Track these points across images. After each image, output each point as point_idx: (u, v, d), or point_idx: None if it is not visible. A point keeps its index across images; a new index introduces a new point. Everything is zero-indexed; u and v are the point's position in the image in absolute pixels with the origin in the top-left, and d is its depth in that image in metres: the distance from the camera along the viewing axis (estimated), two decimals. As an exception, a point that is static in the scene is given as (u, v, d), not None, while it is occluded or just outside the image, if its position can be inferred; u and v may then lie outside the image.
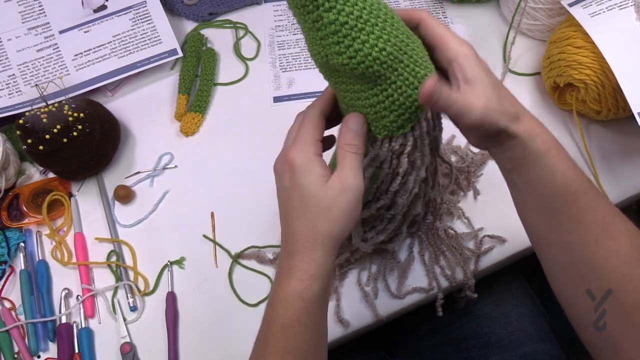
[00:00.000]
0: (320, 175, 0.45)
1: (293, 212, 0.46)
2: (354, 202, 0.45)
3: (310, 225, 0.45)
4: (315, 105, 0.48)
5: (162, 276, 0.67)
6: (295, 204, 0.45)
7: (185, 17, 0.88)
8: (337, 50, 0.41)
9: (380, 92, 0.43)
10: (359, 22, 0.40)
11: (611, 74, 0.63)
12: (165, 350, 0.62)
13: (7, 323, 0.64)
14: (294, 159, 0.45)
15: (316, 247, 0.44)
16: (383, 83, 0.43)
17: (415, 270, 0.65)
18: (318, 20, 0.40)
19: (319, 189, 0.44)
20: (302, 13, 0.40)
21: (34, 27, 0.80)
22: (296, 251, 0.45)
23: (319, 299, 0.45)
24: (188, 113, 0.78)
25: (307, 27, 0.41)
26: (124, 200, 0.72)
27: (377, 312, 0.63)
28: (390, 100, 0.43)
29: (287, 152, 0.46)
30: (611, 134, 0.73)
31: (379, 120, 0.45)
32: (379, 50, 0.40)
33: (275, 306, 0.45)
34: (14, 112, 0.76)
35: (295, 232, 0.45)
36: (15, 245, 0.69)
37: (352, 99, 0.45)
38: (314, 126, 0.47)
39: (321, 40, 0.41)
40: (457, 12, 0.87)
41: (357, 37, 0.40)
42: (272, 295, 0.47)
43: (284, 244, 0.47)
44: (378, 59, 0.41)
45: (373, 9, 0.40)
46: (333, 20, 0.39)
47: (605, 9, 0.66)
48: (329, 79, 0.46)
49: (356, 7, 0.39)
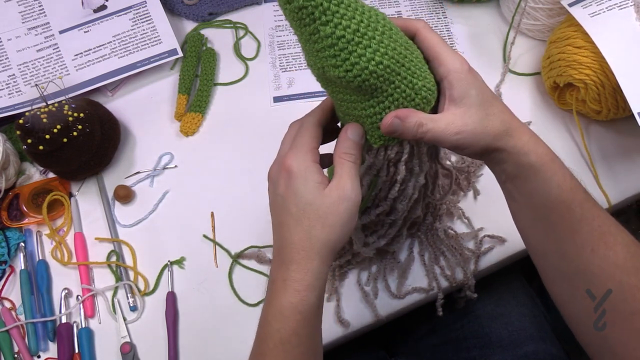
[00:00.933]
0: (318, 183, 0.44)
1: (289, 220, 0.45)
2: (351, 210, 0.44)
3: (306, 234, 0.44)
4: (313, 114, 0.48)
5: (162, 276, 0.67)
6: (292, 211, 0.44)
7: (185, 17, 0.88)
8: (333, 63, 0.40)
9: (377, 103, 0.43)
10: (356, 35, 0.39)
11: (611, 74, 0.63)
12: (165, 350, 0.62)
13: (7, 323, 0.64)
14: (291, 165, 0.44)
15: (313, 256, 0.44)
16: (380, 95, 0.43)
17: (415, 271, 0.65)
18: (315, 33, 0.39)
19: (316, 197, 0.44)
20: (299, 26, 0.40)
21: (34, 27, 0.80)
22: (291, 261, 0.44)
23: (315, 309, 0.44)
24: (188, 113, 0.78)
25: (304, 39, 0.41)
26: (124, 200, 0.72)
27: (377, 312, 0.63)
28: (387, 111, 0.43)
29: (283, 159, 0.45)
30: (611, 134, 0.73)
31: (375, 130, 0.45)
32: (375, 64, 0.40)
33: (270, 321, 0.44)
34: (14, 112, 0.76)
35: (290, 241, 0.44)
36: (15, 245, 0.69)
37: (348, 109, 0.45)
38: (311, 134, 0.46)
39: (318, 52, 0.41)
40: (457, 12, 0.87)
41: (354, 50, 0.39)
42: (266, 308, 0.45)
43: (278, 254, 0.46)
44: (375, 73, 0.40)
45: (371, 22, 0.40)
46: (330, 33, 0.39)
47: (605, 9, 0.66)
48: (326, 88, 0.46)
49: (353, 21, 0.39)
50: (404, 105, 0.43)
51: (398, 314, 0.64)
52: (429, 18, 0.86)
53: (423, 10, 0.87)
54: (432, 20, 0.86)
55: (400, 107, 0.43)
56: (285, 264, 0.44)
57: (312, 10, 0.38)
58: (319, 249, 0.44)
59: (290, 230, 0.44)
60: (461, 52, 0.82)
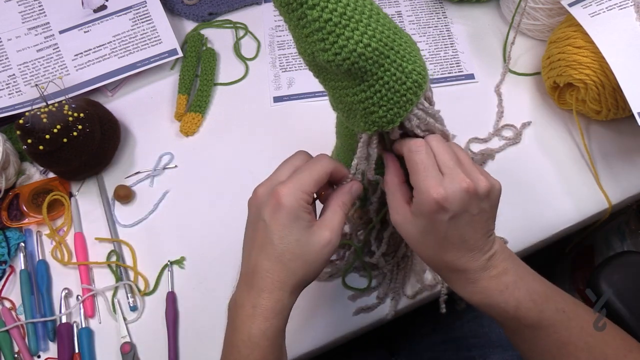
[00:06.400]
0: (307, 222, 0.45)
1: (268, 249, 0.44)
2: (330, 253, 0.46)
3: (284, 266, 0.44)
4: (329, 162, 0.47)
5: (162, 276, 0.67)
6: (274, 241, 0.44)
7: (185, 17, 0.88)
8: (322, 47, 0.41)
9: (368, 88, 0.43)
10: (343, 18, 0.40)
11: (611, 74, 0.63)
12: (165, 350, 0.62)
13: (7, 323, 0.64)
14: (283, 197, 0.44)
15: (286, 289, 0.44)
16: (370, 79, 0.43)
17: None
18: (302, 17, 0.40)
19: (303, 235, 0.44)
20: (287, 11, 0.40)
21: (34, 27, 0.80)
22: (263, 289, 0.44)
23: (281, 332, 0.45)
24: (188, 113, 0.78)
25: (292, 25, 0.42)
26: (124, 200, 0.72)
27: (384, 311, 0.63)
28: (379, 95, 0.43)
29: (277, 188, 0.44)
30: (611, 134, 0.73)
31: (368, 116, 0.45)
32: (364, 46, 0.40)
33: (239, 347, 0.44)
34: (14, 112, 0.76)
35: (264, 269, 0.44)
36: (15, 245, 0.69)
37: (341, 96, 0.45)
38: (315, 179, 0.45)
39: (306, 37, 0.41)
40: (457, 12, 0.87)
41: (341, 33, 0.40)
42: (232, 333, 0.45)
43: (246, 278, 0.46)
44: (363, 55, 0.41)
45: (357, 5, 0.40)
46: (317, 17, 0.39)
47: (605, 9, 0.66)
48: (318, 77, 0.46)
49: (340, 4, 0.39)
50: (396, 90, 0.43)
51: (399, 312, 0.64)
52: (429, 18, 0.86)
53: (423, 10, 0.87)
54: (432, 20, 0.86)
55: (392, 90, 0.43)
56: (255, 290, 0.44)
57: None
58: (294, 283, 0.44)
59: (268, 259, 0.44)
60: (461, 52, 0.82)
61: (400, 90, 0.43)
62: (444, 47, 0.83)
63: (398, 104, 0.44)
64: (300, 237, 0.44)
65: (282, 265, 0.44)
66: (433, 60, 0.82)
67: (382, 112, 0.44)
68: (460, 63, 0.81)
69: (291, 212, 0.44)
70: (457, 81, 0.80)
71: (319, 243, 0.44)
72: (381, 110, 0.44)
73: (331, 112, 0.50)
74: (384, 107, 0.44)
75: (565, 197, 0.69)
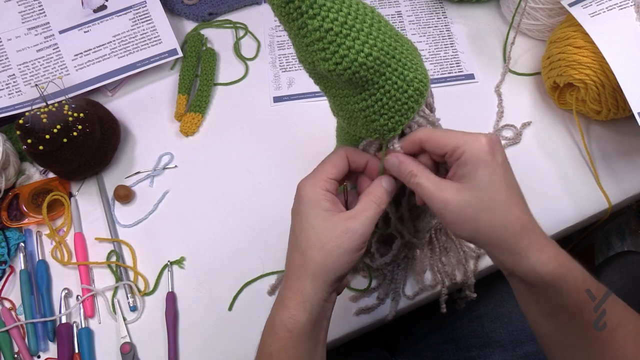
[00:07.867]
0: (325, 210, 0.45)
1: (291, 240, 0.47)
2: (355, 244, 0.44)
3: (302, 254, 0.45)
4: (344, 147, 0.48)
5: (162, 276, 0.67)
6: (295, 232, 0.46)
7: (185, 17, 0.88)
8: (322, 57, 0.40)
9: (369, 96, 0.43)
10: (344, 28, 0.39)
11: (611, 74, 0.63)
12: (165, 350, 0.62)
13: (7, 323, 0.64)
14: (302, 189, 0.46)
15: (304, 277, 0.44)
16: (371, 88, 0.42)
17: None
18: (303, 27, 0.39)
19: (320, 222, 0.44)
20: (288, 20, 0.40)
21: (34, 27, 0.80)
22: (287, 278, 0.46)
23: (306, 332, 0.44)
24: (188, 113, 0.78)
25: (293, 34, 0.41)
26: (124, 200, 0.72)
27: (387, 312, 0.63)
28: (380, 104, 0.43)
29: (300, 182, 0.47)
30: (611, 134, 0.73)
31: (369, 124, 0.45)
32: (365, 55, 0.40)
33: (265, 334, 0.46)
34: (14, 112, 0.76)
35: (289, 260, 0.46)
36: (15, 245, 0.69)
37: (342, 103, 0.45)
38: (332, 164, 0.47)
39: (307, 47, 0.41)
40: (457, 12, 0.87)
41: (342, 43, 0.39)
42: (266, 322, 0.47)
43: (285, 272, 0.47)
44: (364, 65, 0.40)
45: (359, 14, 0.40)
46: (317, 27, 0.39)
47: (605, 9, 0.66)
48: (319, 84, 0.46)
49: (340, 13, 0.39)
50: (397, 98, 0.43)
51: (400, 312, 0.64)
52: (429, 18, 0.86)
53: (423, 10, 0.87)
54: (432, 20, 0.86)
55: (393, 99, 0.43)
56: (284, 281, 0.46)
57: (298, 3, 0.38)
58: (312, 271, 0.44)
59: (291, 250, 0.47)
60: (461, 52, 0.82)
61: (401, 99, 0.43)
62: (444, 47, 0.83)
63: (400, 112, 0.44)
64: (317, 224, 0.44)
65: (300, 252, 0.45)
66: (433, 60, 0.82)
67: (384, 121, 0.44)
68: (460, 63, 0.81)
69: (309, 202, 0.45)
70: (457, 81, 0.80)
71: (336, 230, 0.44)
72: (382, 118, 0.44)
73: (331, 113, 0.50)
74: (385, 115, 0.44)
75: (565, 197, 0.69)
